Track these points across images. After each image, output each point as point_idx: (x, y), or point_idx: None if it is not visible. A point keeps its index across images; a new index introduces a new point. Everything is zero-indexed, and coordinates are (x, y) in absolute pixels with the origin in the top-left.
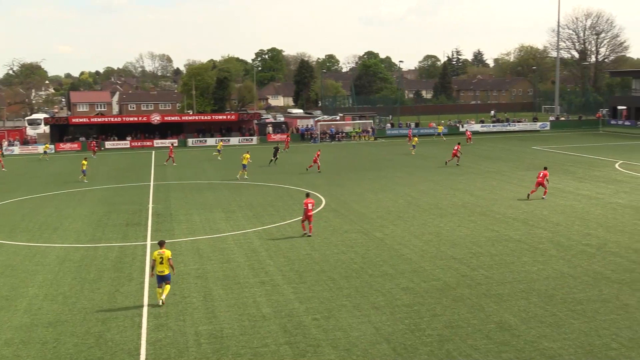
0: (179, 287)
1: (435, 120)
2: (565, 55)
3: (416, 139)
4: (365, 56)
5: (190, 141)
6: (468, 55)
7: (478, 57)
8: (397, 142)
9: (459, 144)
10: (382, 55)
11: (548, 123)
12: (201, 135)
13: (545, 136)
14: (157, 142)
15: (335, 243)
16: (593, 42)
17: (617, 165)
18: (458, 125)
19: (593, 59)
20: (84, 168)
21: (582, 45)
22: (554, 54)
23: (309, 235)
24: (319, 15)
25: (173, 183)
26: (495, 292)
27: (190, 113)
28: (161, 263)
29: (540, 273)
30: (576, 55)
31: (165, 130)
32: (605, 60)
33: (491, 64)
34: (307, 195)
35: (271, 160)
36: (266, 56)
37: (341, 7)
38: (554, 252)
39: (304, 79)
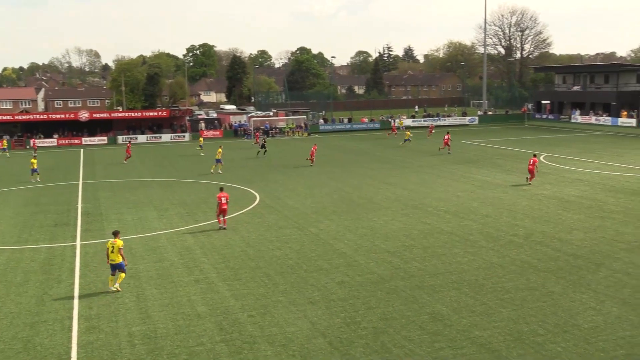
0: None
1: (367, 115)
2: (492, 51)
3: (409, 132)
4: (297, 52)
5: (120, 138)
6: (399, 51)
7: (408, 53)
8: (330, 138)
9: (448, 132)
10: (315, 51)
11: (476, 117)
12: (132, 133)
13: (474, 130)
14: (86, 140)
15: (270, 239)
16: (518, 38)
17: (542, 158)
18: (390, 120)
19: (518, 55)
20: (34, 167)
21: (508, 42)
22: (481, 50)
23: (224, 228)
24: (251, 10)
25: (103, 182)
26: (428, 284)
27: (120, 110)
28: (112, 252)
29: (470, 264)
30: (502, 51)
31: (94, 127)
32: (530, 56)
33: (421, 59)
34: (221, 189)
35: (258, 152)
36: (197, 52)
37: (273, 3)
38: (484, 243)
39: (237, 74)
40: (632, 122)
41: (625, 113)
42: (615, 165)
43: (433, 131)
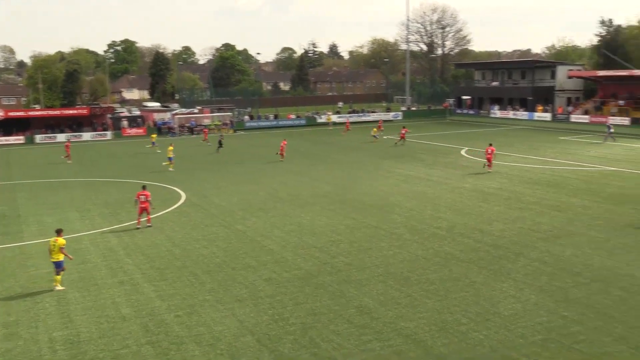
0: (30, 292)
1: (294, 112)
2: (414, 48)
3: (375, 129)
4: (222, 48)
5: (38, 138)
6: (324, 48)
7: (333, 49)
8: (256, 134)
9: (404, 127)
10: (240, 48)
11: (400, 113)
12: (50, 132)
13: (398, 125)
14: (1, 140)
15: (196, 238)
16: (439, 35)
17: (463, 152)
18: (315, 116)
19: (440, 51)
20: None
21: (430, 39)
22: (404, 46)
23: (149, 226)
24: (173, 5)
25: (21, 183)
26: (355, 278)
27: (38, 108)
28: (53, 250)
29: (396, 257)
30: (424, 48)
31: (9, 126)
32: (451, 52)
33: (346, 56)
34: (143, 187)
35: (220, 147)
36: (119, 48)
37: None
38: (409, 236)
39: (160, 71)
40: (547, 116)
41: (540, 108)
42: (531, 158)
43: (350, 128)
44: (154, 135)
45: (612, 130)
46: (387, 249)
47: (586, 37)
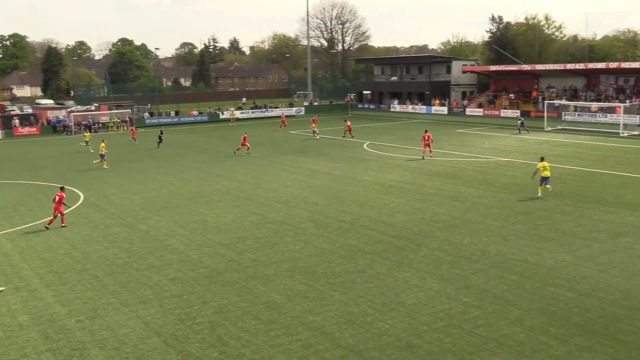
0: None
1: (195, 108)
2: (315, 43)
3: (314, 124)
4: (119, 43)
5: None
6: (224, 43)
7: (234, 44)
8: (157, 131)
9: (346, 120)
10: (138, 43)
11: (303, 108)
12: None
13: (301, 121)
14: None
15: (97, 239)
16: (339, 31)
17: (365, 146)
18: (218, 112)
19: (340, 47)
20: None
21: (330, 34)
22: (305, 42)
23: (64, 226)
24: None
25: None
26: (262, 274)
27: None
28: None
29: (302, 251)
30: (325, 43)
31: None
32: (351, 48)
33: (247, 51)
34: (61, 188)
35: (160, 142)
36: (7, 42)
37: None
38: (314, 230)
39: (53, 67)
40: (444, 110)
41: (437, 102)
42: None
43: (286, 123)
44: (87, 134)
45: (522, 122)
46: (293, 244)
47: (478, 33)
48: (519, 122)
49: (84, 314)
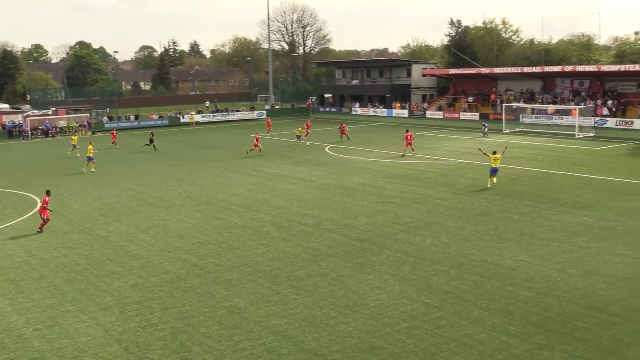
0: None
1: (156, 112)
2: (276, 46)
3: (300, 129)
4: (77, 46)
5: None
6: (185, 46)
7: (194, 48)
8: (119, 136)
9: (342, 123)
10: (96, 46)
11: (264, 111)
12: None
13: (262, 124)
14: None
15: (55, 246)
16: (300, 34)
17: (327, 149)
18: (179, 116)
19: (301, 50)
20: None
21: (291, 38)
22: (266, 45)
23: (40, 231)
24: (21, 1)
25: None
26: (224, 278)
27: None
28: None
29: (265, 255)
30: (286, 47)
31: None
32: (312, 51)
33: (208, 55)
34: (47, 192)
35: (146, 144)
36: None
37: None
38: (277, 233)
39: (8, 70)
40: (405, 112)
41: (398, 105)
42: (392, 153)
43: (271, 128)
44: (75, 137)
45: (486, 125)
46: (256, 248)
47: (438, 37)
48: (484, 125)
49: (42, 323)
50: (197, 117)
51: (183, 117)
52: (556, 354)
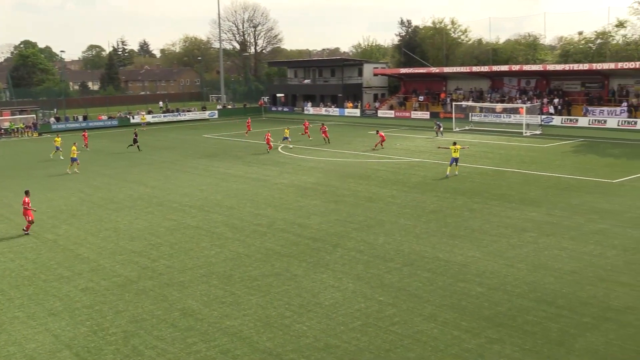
0: None
1: (105, 112)
2: (227, 46)
3: (287, 130)
4: (22, 45)
5: None
6: (134, 46)
7: (144, 47)
8: (64, 137)
9: (323, 124)
10: (42, 45)
11: (216, 111)
12: None
13: (214, 124)
14: None
15: (1, 251)
16: (251, 34)
17: (279, 149)
18: (128, 116)
19: (253, 50)
20: None
21: (242, 37)
22: (217, 45)
23: (26, 233)
24: None
25: None
26: (177, 281)
27: None
28: None
29: (218, 256)
30: (237, 46)
31: None
32: (263, 51)
33: (158, 54)
34: (26, 193)
35: (130, 145)
36: None
37: None
38: (230, 234)
39: None
40: (357, 112)
41: (350, 104)
42: (344, 152)
43: (251, 128)
44: (58, 139)
45: (440, 125)
46: (209, 249)
47: (388, 36)
48: (437, 125)
49: None
50: (148, 118)
51: (133, 118)
52: (507, 348)
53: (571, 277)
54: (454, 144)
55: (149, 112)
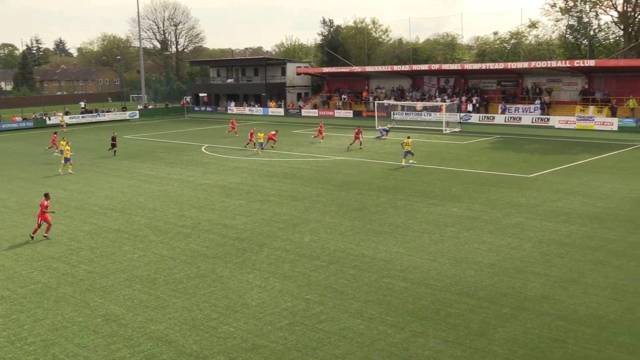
0: None
1: (19, 114)
2: (147, 45)
3: (261, 134)
4: None
5: None
6: (49, 44)
7: (60, 46)
8: None
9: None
10: None
11: (137, 112)
12: None
13: (135, 125)
14: None
15: None
16: (172, 32)
17: (203, 149)
18: (45, 117)
19: (174, 49)
20: None
21: (163, 36)
22: (136, 43)
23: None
24: None
25: None
26: (99, 286)
27: None
28: None
29: (141, 259)
30: (158, 45)
31: None
32: (185, 50)
33: (75, 53)
34: (45, 196)
35: (109, 149)
36: None
37: None
38: (153, 237)
39: None
40: (281, 111)
41: (273, 103)
42: (269, 151)
43: (235, 127)
44: (64, 143)
45: (387, 130)
46: (132, 252)
47: (311, 36)
48: (384, 130)
49: None
50: (66, 119)
51: (50, 119)
52: (430, 340)
53: (491, 270)
54: (408, 137)
55: (67, 113)
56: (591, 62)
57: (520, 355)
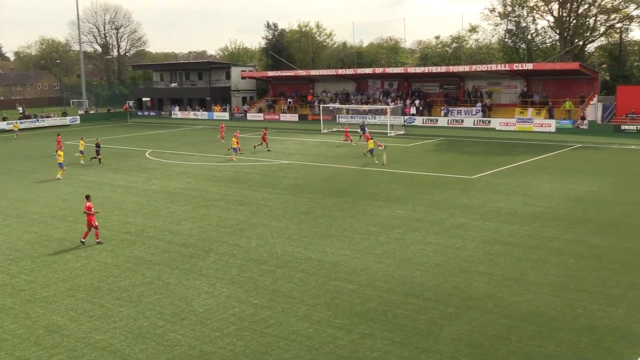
0: None
1: None
2: (88, 49)
3: (235, 139)
4: None
5: None
6: None
7: None
8: None
9: (265, 128)
10: None
11: (78, 117)
12: None
13: (76, 130)
14: None
15: None
16: (114, 36)
17: (147, 154)
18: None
19: (115, 52)
20: None
21: (104, 39)
22: (76, 47)
23: (100, 242)
24: None
25: None
26: (40, 296)
27: None
28: None
29: (84, 268)
30: (99, 49)
31: None
32: (127, 54)
33: (12, 57)
34: (87, 197)
35: (93, 157)
36: None
37: None
38: (96, 245)
39: None
40: (226, 115)
41: (218, 107)
42: (214, 156)
43: (224, 134)
44: (82, 142)
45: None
46: (74, 261)
47: (255, 39)
48: (361, 128)
49: None
50: (2, 125)
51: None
52: (378, 342)
53: (436, 270)
54: (371, 138)
55: (4, 119)
56: (529, 66)
57: (465, 353)
